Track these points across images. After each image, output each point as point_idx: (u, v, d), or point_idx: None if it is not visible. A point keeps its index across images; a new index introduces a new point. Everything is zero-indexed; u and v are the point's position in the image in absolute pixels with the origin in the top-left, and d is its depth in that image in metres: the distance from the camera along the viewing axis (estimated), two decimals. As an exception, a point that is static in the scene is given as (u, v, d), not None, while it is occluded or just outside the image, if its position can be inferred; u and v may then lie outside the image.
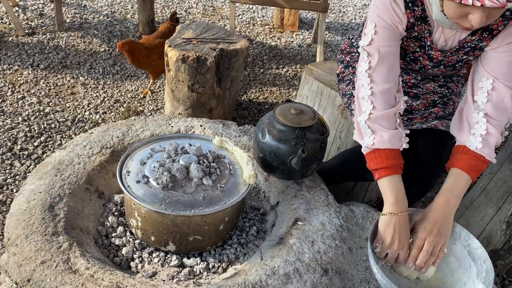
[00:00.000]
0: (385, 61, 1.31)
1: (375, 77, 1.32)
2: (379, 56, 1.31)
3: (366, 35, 1.33)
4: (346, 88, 1.74)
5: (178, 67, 2.34)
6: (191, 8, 4.44)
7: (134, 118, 1.76)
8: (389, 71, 1.32)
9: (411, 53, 1.44)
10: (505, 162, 1.75)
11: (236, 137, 1.72)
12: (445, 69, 1.46)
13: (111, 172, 1.53)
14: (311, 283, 1.19)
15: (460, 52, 1.36)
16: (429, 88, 1.61)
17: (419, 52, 1.42)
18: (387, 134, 1.31)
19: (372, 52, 1.32)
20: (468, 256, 1.31)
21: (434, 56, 1.39)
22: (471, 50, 1.35)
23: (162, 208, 1.23)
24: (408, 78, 1.62)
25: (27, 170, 2.20)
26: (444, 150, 1.51)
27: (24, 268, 1.14)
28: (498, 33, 1.26)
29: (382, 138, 1.31)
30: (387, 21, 1.29)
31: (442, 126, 1.51)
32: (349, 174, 1.76)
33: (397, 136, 1.31)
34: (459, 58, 1.39)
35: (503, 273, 1.84)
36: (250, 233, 1.44)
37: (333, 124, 2.05)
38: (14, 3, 3.86)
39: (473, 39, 1.31)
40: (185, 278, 1.25)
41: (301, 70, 3.51)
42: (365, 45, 1.33)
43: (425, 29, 1.34)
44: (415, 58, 1.45)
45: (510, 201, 1.74)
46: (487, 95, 1.28)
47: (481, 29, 1.27)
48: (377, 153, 1.32)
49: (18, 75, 2.97)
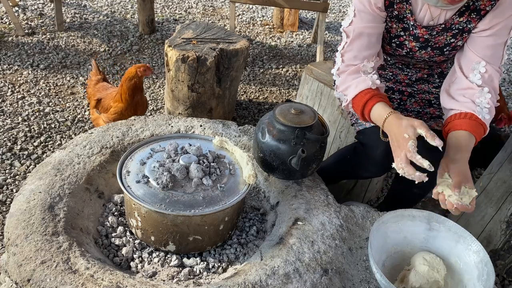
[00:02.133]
0: (357, 41, 1.40)
1: (345, 56, 1.44)
2: (352, 37, 1.40)
3: (347, 17, 1.42)
4: None
5: (178, 67, 2.34)
6: (191, 8, 4.44)
7: (134, 118, 1.76)
8: (359, 50, 1.41)
9: (395, 37, 1.45)
10: (505, 162, 1.75)
11: (236, 137, 1.72)
12: (432, 52, 1.45)
13: (111, 172, 1.53)
14: (311, 283, 1.19)
15: (448, 34, 1.37)
16: (423, 89, 1.60)
17: (403, 36, 1.44)
18: (354, 84, 1.40)
19: (349, 33, 1.41)
20: (469, 258, 1.31)
21: (420, 34, 1.40)
22: (459, 32, 1.36)
23: (162, 208, 1.23)
24: (402, 78, 1.62)
25: (27, 170, 2.20)
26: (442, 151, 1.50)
27: (24, 268, 1.14)
28: (486, 14, 1.28)
29: (351, 90, 1.40)
30: (365, 5, 1.36)
31: (438, 126, 1.51)
32: (345, 171, 1.75)
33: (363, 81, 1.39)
34: (447, 41, 1.39)
35: (503, 273, 1.84)
36: (250, 233, 1.44)
37: (333, 124, 2.05)
38: (14, 3, 3.86)
39: (461, 21, 1.32)
40: (185, 278, 1.25)
41: (301, 70, 3.51)
42: (345, 26, 1.42)
43: (406, 8, 1.36)
44: (401, 43, 1.46)
45: (510, 201, 1.74)
46: (480, 77, 1.33)
47: (469, 10, 1.30)
48: (353, 100, 1.41)
49: (18, 75, 2.97)
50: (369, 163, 1.54)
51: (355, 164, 1.60)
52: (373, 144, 1.51)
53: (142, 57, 3.41)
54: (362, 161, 1.56)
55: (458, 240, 1.34)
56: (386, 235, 1.37)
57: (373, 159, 1.51)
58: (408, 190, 1.59)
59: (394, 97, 1.61)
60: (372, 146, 1.51)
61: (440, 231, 1.38)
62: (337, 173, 1.79)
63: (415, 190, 1.56)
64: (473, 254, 1.30)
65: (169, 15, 4.18)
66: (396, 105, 1.60)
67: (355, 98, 1.40)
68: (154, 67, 3.28)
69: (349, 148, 1.68)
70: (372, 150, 1.51)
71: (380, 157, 1.49)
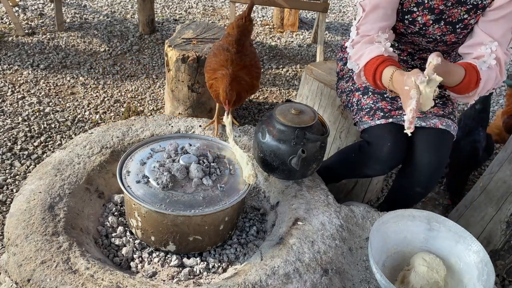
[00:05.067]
0: (372, 13, 1.44)
1: (360, 29, 1.48)
2: (368, 9, 1.44)
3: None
4: (346, 85, 1.74)
5: (178, 67, 2.34)
6: (191, 8, 4.43)
7: (134, 118, 1.76)
8: (374, 21, 1.45)
9: (408, 13, 1.47)
10: (505, 162, 1.75)
11: (236, 137, 1.72)
12: (445, 27, 1.46)
13: (111, 172, 1.53)
14: (311, 283, 1.19)
15: (462, 8, 1.39)
16: None
17: (416, 12, 1.45)
18: (367, 51, 1.43)
19: (364, 6, 1.45)
20: (469, 258, 1.31)
21: (435, 5, 1.41)
22: (473, 8, 1.38)
23: (162, 208, 1.23)
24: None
25: (27, 170, 2.20)
26: (445, 150, 1.51)
27: (24, 268, 1.14)
28: None
29: (364, 57, 1.44)
30: None
31: (442, 125, 1.51)
32: (348, 170, 1.75)
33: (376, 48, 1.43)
34: (461, 16, 1.41)
35: (503, 273, 1.84)
36: (250, 233, 1.44)
37: (333, 124, 2.05)
38: (14, 3, 3.86)
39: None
40: (185, 278, 1.25)
41: (301, 70, 3.51)
42: (361, 1, 1.46)
43: None
44: (413, 19, 1.48)
45: (510, 201, 1.74)
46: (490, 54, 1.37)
47: None
48: (365, 67, 1.43)
49: (18, 75, 2.97)
50: (374, 161, 1.54)
51: (360, 162, 1.61)
52: (379, 142, 1.52)
53: (142, 57, 3.41)
54: (367, 160, 1.57)
55: (458, 240, 1.34)
56: (386, 235, 1.37)
57: (379, 158, 1.52)
58: (410, 188, 1.59)
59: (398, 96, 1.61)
60: (378, 144, 1.52)
61: (440, 231, 1.38)
62: (341, 172, 1.79)
63: (417, 189, 1.56)
64: (473, 254, 1.30)
65: (169, 15, 4.18)
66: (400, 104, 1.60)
67: (367, 64, 1.43)
68: (154, 68, 3.28)
69: (353, 146, 1.69)
70: (378, 148, 1.52)
71: (386, 155, 1.50)
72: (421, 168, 1.51)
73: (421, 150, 1.50)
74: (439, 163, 1.51)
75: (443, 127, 1.50)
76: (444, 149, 1.50)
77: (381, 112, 1.56)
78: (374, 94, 1.61)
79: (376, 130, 1.54)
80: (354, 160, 1.63)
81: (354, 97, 1.67)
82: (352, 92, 1.69)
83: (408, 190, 1.61)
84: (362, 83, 1.58)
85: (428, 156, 1.50)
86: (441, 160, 1.50)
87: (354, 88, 1.69)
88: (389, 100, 1.60)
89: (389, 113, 1.55)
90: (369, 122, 1.56)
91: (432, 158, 1.49)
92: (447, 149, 1.51)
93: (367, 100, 1.61)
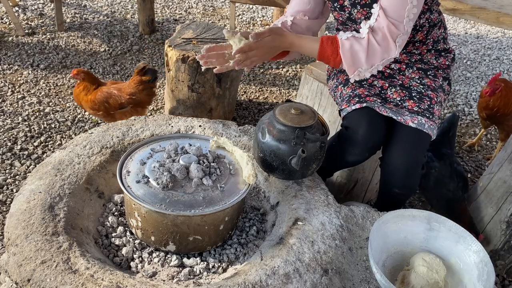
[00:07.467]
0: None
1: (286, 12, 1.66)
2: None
3: None
4: (332, 83, 1.77)
5: (178, 67, 2.34)
6: (191, 8, 4.44)
7: (134, 118, 1.76)
8: (294, 5, 1.63)
9: (336, 2, 1.55)
10: (505, 162, 1.75)
11: (236, 137, 1.72)
12: (364, 11, 1.48)
13: (111, 172, 1.53)
14: (311, 283, 1.19)
15: None
16: (404, 81, 1.61)
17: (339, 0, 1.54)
18: None
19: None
20: (469, 258, 1.31)
21: None
22: None
23: (162, 208, 1.23)
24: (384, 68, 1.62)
25: (27, 170, 2.20)
26: (418, 151, 1.50)
27: (24, 268, 1.14)
28: None
29: None
30: None
31: (413, 122, 1.49)
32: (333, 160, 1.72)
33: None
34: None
35: (503, 273, 1.84)
36: (250, 233, 1.44)
37: (333, 124, 2.05)
38: (14, 3, 3.86)
39: None
40: (185, 278, 1.25)
41: (301, 70, 3.51)
42: None
43: None
44: (341, 6, 1.54)
45: (510, 201, 1.74)
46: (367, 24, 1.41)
47: None
48: None
49: (18, 75, 2.97)
50: (352, 145, 1.55)
51: (340, 149, 1.61)
52: (355, 126, 1.52)
53: (142, 57, 3.41)
54: (347, 145, 1.57)
55: (458, 240, 1.35)
56: (386, 235, 1.37)
57: (356, 141, 1.52)
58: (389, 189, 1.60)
59: (376, 84, 1.62)
60: (354, 127, 1.53)
61: (440, 231, 1.38)
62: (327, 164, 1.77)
63: (395, 190, 1.57)
64: (473, 254, 1.30)
65: (169, 15, 4.18)
66: (378, 91, 1.61)
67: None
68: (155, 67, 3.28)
69: (334, 136, 1.69)
70: (354, 131, 1.52)
71: (362, 137, 1.51)
72: (395, 168, 1.51)
73: (394, 149, 1.52)
74: (413, 163, 1.50)
75: (413, 125, 1.48)
76: (417, 149, 1.49)
77: (357, 98, 1.57)
78: (352, 83, 1.64)
79: (352, 114, 1.55)
80: (335, 148, 1.63)
81: (338, 91, 1.70)
82: (337, 87, 1.71)
83: (388, 191, 1.62)
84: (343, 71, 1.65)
85: (401, 156, 1.50)
86: (414, 160, 1.49)
87: (338, 82, 1.72)
88: (366, 86, 1.61)
89: (364, 98, 1.56)
90: (347, 109, 1.57)
91: (404, 158, 1.50)
92: (422, 149, 1.50)
93: (347, 89, 1.64)
